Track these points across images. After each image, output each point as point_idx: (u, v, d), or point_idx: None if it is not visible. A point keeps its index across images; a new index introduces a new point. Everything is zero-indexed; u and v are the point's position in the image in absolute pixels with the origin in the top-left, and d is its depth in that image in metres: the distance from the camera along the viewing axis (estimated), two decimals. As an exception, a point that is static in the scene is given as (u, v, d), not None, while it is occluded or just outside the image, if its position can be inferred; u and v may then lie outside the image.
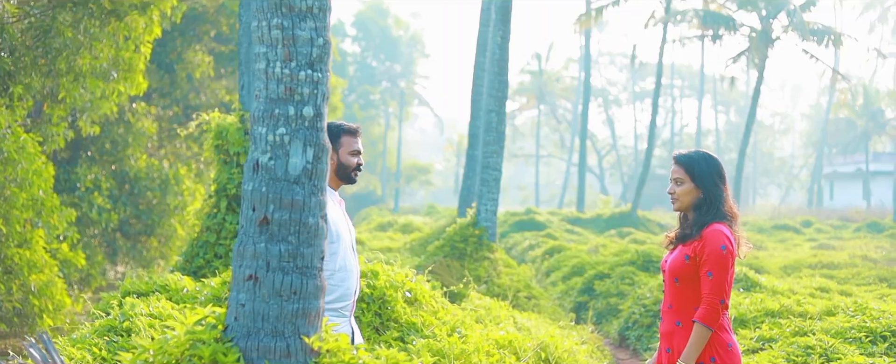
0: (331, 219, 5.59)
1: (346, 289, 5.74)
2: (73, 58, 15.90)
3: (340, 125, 5.90)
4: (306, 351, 4.54)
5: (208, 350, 4.38)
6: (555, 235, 31.40)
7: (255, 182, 4.54)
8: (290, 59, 4.53)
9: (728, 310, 5.60)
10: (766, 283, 14.20)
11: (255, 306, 4.50)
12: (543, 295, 17.36)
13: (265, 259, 4.50)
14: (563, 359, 9.93)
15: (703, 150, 5.82)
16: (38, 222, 16.73)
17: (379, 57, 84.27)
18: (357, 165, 5.89)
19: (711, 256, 5.45)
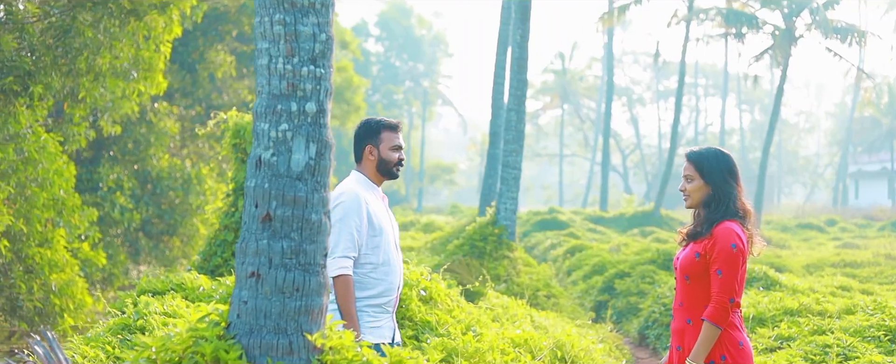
0: (373, 213, 5.68)
1: (389, 284, 5.77)
2: (93, 57, 15.94)
3: (381, 120, 5.91)
4: (309, 348, 4.52)
5: (210, 347, 4.36)
6: (577, 234, 31.33)
7: (257, 178, 4.52)
8: (292, 54, 4.50)
9: (739, 308, 5.56)
10: (787, 281, 14.11)
11: (257, 303, 4.48)
12: (563, 294, 17.30)
13: (267, 256, 4.48)
14: (580, 357, 9.88)
15: (716, 147, 5.77)
16: (59, 222, 16.79)
17: (402, 56, 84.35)
18: (398, 160, 5.89)
19: (721, 254, 5.41)
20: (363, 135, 5.97)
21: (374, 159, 5.89)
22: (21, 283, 15.88)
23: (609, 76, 48.93)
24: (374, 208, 5.76)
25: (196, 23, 21.84)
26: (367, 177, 5.94)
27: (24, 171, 15.76)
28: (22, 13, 15.85)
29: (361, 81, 51.36)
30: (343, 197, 5.71)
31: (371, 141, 5.92)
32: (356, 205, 5.67)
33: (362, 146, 5.96)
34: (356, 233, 5.63)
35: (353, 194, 5.71)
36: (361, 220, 5.66)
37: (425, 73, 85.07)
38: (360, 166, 5.99)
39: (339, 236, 5.60)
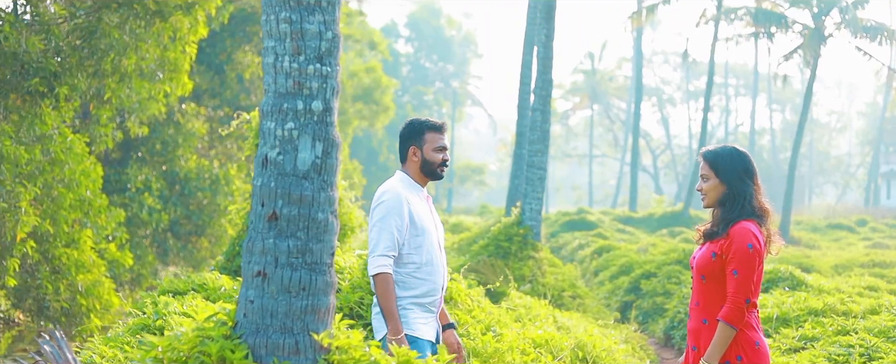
0: (416, 213, 5.68)
1: (433, 284, 5.76)
2: (119, 58, 15.99)
3: (425, 121, 5.90)
4: (315, 348, 4.50)
5: (215, 347, 4.35)
6: (605, 235, 31.24)
7: (263, 177, 4.51)
8: (298, 52, 4.48)
9: (756, 308, 5.50)
10: (813, 282, 13.99)
11: (263, 303, 4.46)
12: (588, 294, 17.24)
13: (274, 255, 4.46)
14: (602, 358, 9.84)
15: (732, 145, 5.71)
16: (86, 222, 16.85)
17: (432, 57, 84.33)
18: (442, 161, 5.88)
19: (737, 254, 5.35)
20: (407, 135, 5.95)
21: (417, 160, 5.87)
22: (48, 283, 15.95)
23: (638, 76, 48.77)
24: (416, 208, 5.75)
25: (223, 24, 21.88)
26: (411, 177, 5.92)
27: (50, 172, 15.83)
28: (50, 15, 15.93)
29: (390, 82, 51.34)
30: (384, 196, 5.71)
31: (414, 142, 5.89)
32: (397, 204, 5.67)
33: (406, 147, 5.93)
34: (396, 232, 5.63)
35: (395, 194, 5.70)
36: (402, 220, 5.65)
37: (455, 73, 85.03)
38: (404, 167, 5.97)
39: (380, 235, 5.62)
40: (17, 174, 14.67)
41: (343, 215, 14.09)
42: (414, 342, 5.62)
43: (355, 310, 8.17)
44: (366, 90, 48.74)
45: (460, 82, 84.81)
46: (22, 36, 14.67)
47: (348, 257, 9.14)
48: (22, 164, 14.79)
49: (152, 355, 4.42)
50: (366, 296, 8.28)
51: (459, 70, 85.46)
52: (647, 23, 38.07)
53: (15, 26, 14.69)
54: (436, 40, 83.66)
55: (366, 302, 8.21)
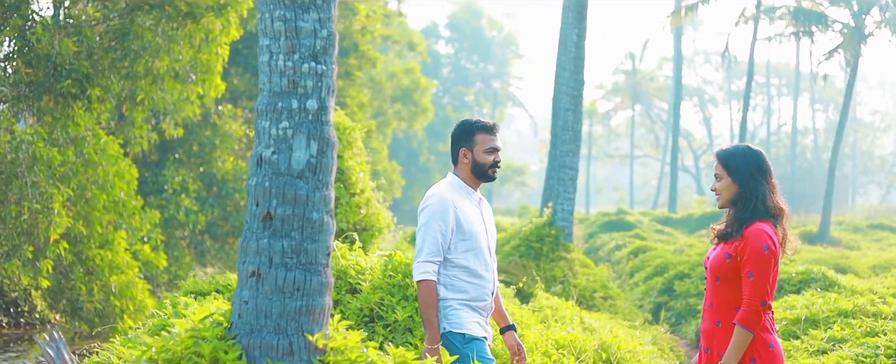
0: (464, 217, 5.58)
1: (482, 289, 5.66)
2: (152, 60, 16.09)
3: (475, 122, 5.79)
4: (310, 349, 4.46)
5: (209, 347, 4.33)
6: (642, 236, 31.09)
7: (258, 177, 4.48)
8: (292, 51, 4.45)
9: (771, 310, 5.41)
10: (846, 282, 13.81)
11: (257, 303, 4.43)
12: (620, 295, 17.14)
13: (268, 255, 4.43)
14: (626, 359, 9.74)
15: (746, 144, 5.62)
16: (121, 224, 16.95)
17: (472, 58, 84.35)
18: (494, 163, 5.74)
19: (753, 256, 5.25)
20: (458, 137, 5.85)
21: (468, 162, 5.75)
22: (81, 284, 16.06)
23: (677, 75, 48.55)
24: (465, 212, 5.64)
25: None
26: (463, 179, 5.81)
27: (84, 174, 15.94)
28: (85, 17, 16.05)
29: (429, 83, 51.38)
30: (429, 201, 5.63)
31: (465, 143, 5.78)
32: (441, 209, 5.58)
33: (457, 149, 5.83)
34: (440, 237, 5.54)
35: (440, 198, 5.63)
36: (447, 225, 5.56)
37: (496, 74, 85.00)
38: (456, 169, 5.86)
39: (424, 241, 5.55)
40: (50, 175, 14.78)
41: (370, 216, 14.07)
42: (472, 340, 5.54)
43: (376, 311, 8.12)
44: (405, 91, 48.81)
45: (501, 83, 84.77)
46: (55, 38, 14.78)
47: (370, 258, 9.09)
48: (55, 166, 14.90)
49: (147, 356, 4.41)
50: (386, 297, 8.22)
51: (500, 71, 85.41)
52: (687, 22, 37.78)
53: (48, 28, 14.80)
54: (476, 41, 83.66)
55: (386, 303, 8.15)
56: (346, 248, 9.12)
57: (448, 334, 5.55)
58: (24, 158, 14.58)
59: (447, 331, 5.55)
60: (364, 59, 32.97)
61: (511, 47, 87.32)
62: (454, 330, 5.55)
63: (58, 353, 4.46)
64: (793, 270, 14.83)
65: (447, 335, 5.55)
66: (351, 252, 9.09)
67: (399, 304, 8.11)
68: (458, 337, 5.54)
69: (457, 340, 5.54)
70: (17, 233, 14.64)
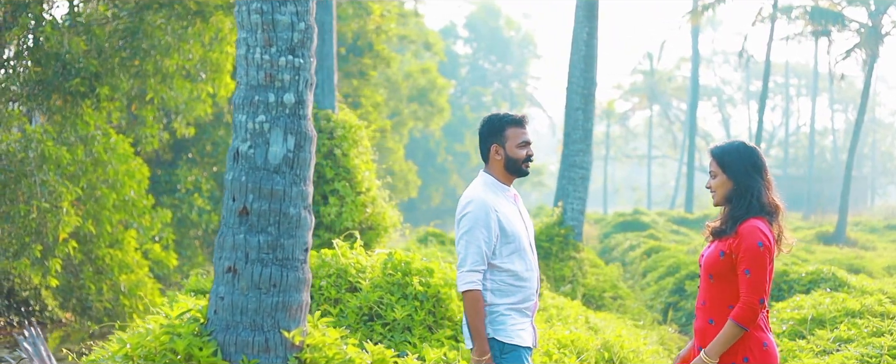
0: (506, 219, 5.40)
1: (529, 290, 5.49)
2: (161, 59, 16.07)
3: (504, 116, 5.56)
4: (286, 345, 4.40)
5: (183, 344, 4.27)
6: (657, 236, 30.95)
7: (235, 171, 4.42)
8: (270, 44, 4.39)
9: (766, 309, 5.33)
10: (856, 283, 13.68)
11: (233, 299, 4.37)
12: (630, 295, 17.03)
13: (244, 250, 4.37)
14: (629, 359, 9.67)
15: (741, 141, 5.53)
16: (132, 223, 16.94)
17: (490, 58, 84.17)
18: (527, 157, 5.52)
19: (748, 253, 5.17)
20: (487, 134, 5.59)
21: (500, 159, 5.51)
22: (91, 283, 16.05)
23: (694, 75, 48.37)
24: (505, 213, 5.43)
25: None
26: (496, 177, 5.57)
27: (93, 173, 15.92)
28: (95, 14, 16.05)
29: (446, 83, 51.29)
30: (469, 207, 5.38)
31: (496, 140, 5.54)
32: (483, 215, 5.34)
33: (488, 146, 5.58)
34: (484, 245, 5.32)
35: (481, 203, 5.38)
36: (490, 232, 5.34)
37: (514, 74, 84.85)
38: (487, 167, 5.62)
39: (467, 250, 5.31)
40: (59, 174, 14.77)
41: (376, 215, 14.05)
42: (513, 351, 5.36)
43: (375, 309, 8.09)
44: (421, 91, 48.73)
45: (519, 83, 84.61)
46: (64, 37, 14.78)
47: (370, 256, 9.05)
48: (64, 165, 14.89)
49: (122, 352, 4.36)
50: (386, 295, 8.19)
51: (518, 71, 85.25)
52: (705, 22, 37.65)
53: (57, 27, 14.81)
54: (494, 41, 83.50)
55: (385, 302, 8.12)
56: (347, 247, 9.09)
57: (491, 341, 5.36)
58: (34, 157, 14.57)
59: (490, 337, 5.36)
60: (379, 58, 32.89)
61: (529, 47, 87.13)
62: (498, 338, 5.36)
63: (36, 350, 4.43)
64: (803, 270, 14.72)
65: (490, 341, 5.37)
66: (352, 250, 9.06)
67: (398, 302, 8.08)
68: (498, 345, 5.37)
69: (496, 348, 5.37)
70: (25, 231, 14.63)
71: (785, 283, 14.66)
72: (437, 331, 8.20)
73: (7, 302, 15.24)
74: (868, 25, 32.66)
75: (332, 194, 13.77)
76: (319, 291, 8.45)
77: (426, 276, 8.61)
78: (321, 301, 8.32)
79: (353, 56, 32.17)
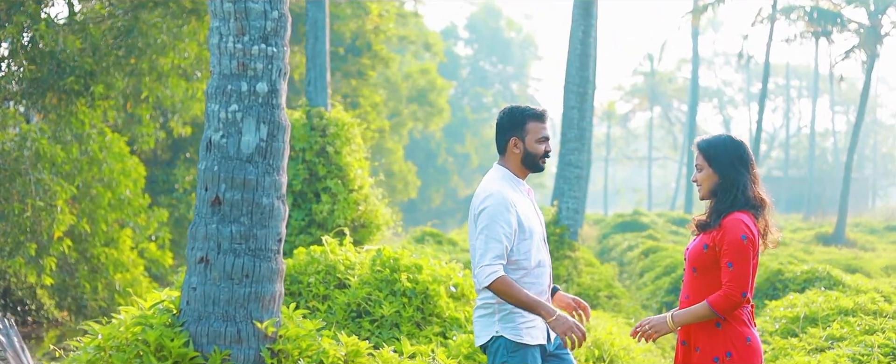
0: (522, 214, 5.28)
1: (542, 286, 5.38)
2: (156, 57, 16.06)
3: (525, 109, 5.42)
4: (259, 336, 4.37)
5: (154, 335, 4.24)
6: (655, 236, 30.91)
7: (207, 161, 4.39)
8: (242, 33, 4.35)
9: (750, 303, 5.30)
10: (851, 282, 13.64)
11: (205, 290, 4.34)
12: (625, 294, 17.00)
13: (216, 241, 4.34)
14: (620, 356, 9.65)
15: (727, 135, 5.49)
16: (128, 222, 16.93)
17: (491, 59, 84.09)
18: (545, 152, 5.41)
19: (731, 246, 5.14)
20: (507, 126, 5.46)
21: (518, 152, 5.40)
22: (86, 282, 16.03)
23: (694, 76, 48.39)
24: (522, 209, 5.30)
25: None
26: (511, 171, 5.46)
27: (89, 171, 15.91)
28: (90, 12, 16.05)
29: (445, 84, 51.26)
30: (488, 202, 5.23)
31: (515, 133, 5.41)
32: (503, 209, 5.21)
33: (506, 138, 5.45)
34: (505, 240, 5.18)
35: (500, 198, 5.25)
36: (510, 227, 5.21)
37: (514, 75, 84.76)
38: (503, 159, 5.50)
39: (487, 245, 5.16)
40: (54, 172, 14.76)
41: (368, 213, 14.02)
42: (520, 350, 5.25)
43: (363, 306, 8.08)
44: (420, 92, 48.71)
45: (520, 84, 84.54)
46: (59, 35, 14.77)
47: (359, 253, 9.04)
48: (59, 163, 14.88)
49: (94, 343, 4.33)
50: (374, 292, 8.18)
51: (519, 72, 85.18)
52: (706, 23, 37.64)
53: (52, 26, 14.79)
54: (495, 42, 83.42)
55: (373, 298, 8.11)
56: (336, 243, 9.07)
57: (500, 339, 5.27)
58: (29, 155, 14.56)
59: (499, 334, 5.26)
60: (377, 58, 32.85)
61: (530, 49, 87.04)
62: (506, 335, 5.26)
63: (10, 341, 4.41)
64: (798, 269, 14.69)
65: (499, 338, 5.27)
66: (341, 247, 9.05)
67: (386, 299, 8.08)
68: (506, 343, 5.27)
69: (505, 346, 5.27)
70: (20, 230, 14.61)
71: (780, 283, 14.63)
72: (425, 327, 8.18)
73: (3, 301, 15.22)
74: (867, 26, 32.64)
75: (324, 192, 13.75)
76: (308, 288, 8.44)
77: (415, 273, 8.59)
78: (309, 298, 8.30)
79: (352, 56, 32.13)
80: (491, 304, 5.31)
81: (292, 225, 13.42)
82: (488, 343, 5.31)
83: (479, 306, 5.40)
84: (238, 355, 4.36)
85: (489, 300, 5.32)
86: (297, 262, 8.84)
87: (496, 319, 5.29)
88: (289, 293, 8.34)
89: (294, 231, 13.33)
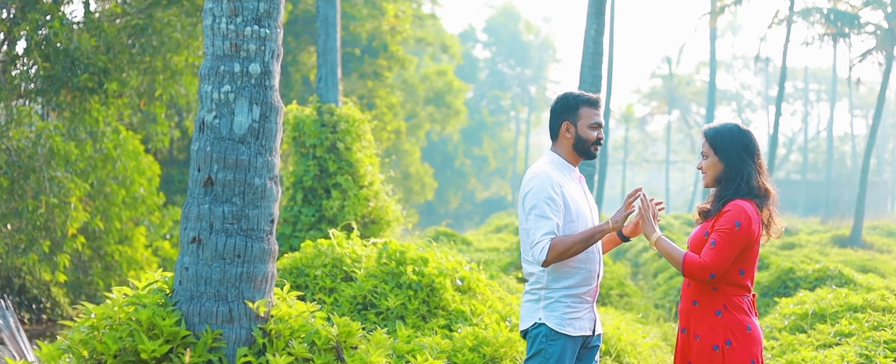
0: (570, 197, 5.28)
1: (589, 272, 5.36)
2: (170, 55, 16.12)
3: (579, 95, 5.45)
4: (250, 316, 4.38)
5: (146, 314, 4.26)
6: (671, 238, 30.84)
7: (200, 141, 4.41)
8: (235, 14, 4.37)
9: (750, 292, 5.30)
10: (863, 280, 13.59)
11: (198, 269, 4.36)
12: (637, 293, 16.98)
13: (209, 221, 4.35)
14: (626, 351, 9.64)
15: (735, 123, 5.49)
16: (143, 220, 16.99)
17: (509, 62, 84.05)
18: (597, 139, 5.45)
19: (721, 228, 5.15)
20: (560, 110, 5.49)
21: (570, 137, 5.42)
22: (99, 279, 16.10)
23: (712, 79, 48.27)
24: (570, 191, 5.33)
25: (288, 25, 21.91)
26: (562, 156, 5.47)
27: (102, 169, 15.98)
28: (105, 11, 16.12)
29: (462, 86, 51.28)
30: (533, 182, 5.29)
31: (568, 117, 5.44)
32: (547, 186, 5.22)
33: (559, 123, 5.48)
34: (553, 216, 5.18)
35: (545, 177, 5.28)
36: (556, 203, 5.21)
37: (533, 78, 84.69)
38: (555, 145, 5.52)
39: (537, 224, 5.15)
40: (68, 170, 14.83)
41: (379, 209, 14.05)
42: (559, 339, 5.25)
43: (369, 298, 8.11)
44: (437, 93, 48.74)
45: (538, 87, 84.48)
46: (73, 33, 14.84)
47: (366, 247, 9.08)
48: (73, 161, 14.94)
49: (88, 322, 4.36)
50: (380, 284, 8.21)
51: (537, 75, 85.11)
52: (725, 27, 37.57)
53: (66, 23, 14.87)
54: (514, 45, 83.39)
55: (379, 290, 8.14)
56: (343, 237, 9.12)
57: (542, 326, 5.27)
58: (43, 153, 14.63)
59: (542, 321, 5.27)
60: (394, 59, 32.89)
61: (548, 51, 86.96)
62: (548, 323, 5.26)
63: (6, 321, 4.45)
64: (809, 268, 14.66)
65: (541, 325, 5.28)
66: (348, 240, 9.09)
67: (392, 291, 8.10)
68: (546, 330, 5.27)
69: (546, 334, 5.27)
70: (34, 227, 14.68)
71: (791, 281, 14.60)
72: (430, 320, 8.20)
73: (18, 299, 15.29)
74: (884, 27, 32.49)
75: (334, 188, 13.79)
76: (314, 281, 8.48)
77: (421, 266, 8.62)
78: (316, 290, 8.34)
79: (368, 57, 32.18)
80: (538, 290, 5.32)
81: (302, 221, 13.46)
82: (530, 328, 5.31)
83: (527, 291, 5.39)
84: (230, 334, 4.38)
85: (536, 287, 5.33)
86: (303, 255, 8.89)
87: (541, 306, 5.29)
88: (295, 286, 8.38)
89: (304, 227, 13.37)
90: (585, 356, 5.44)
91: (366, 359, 4.60)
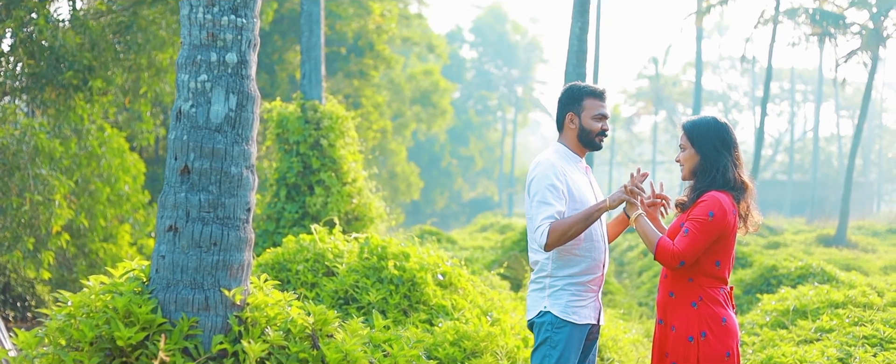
0: (574, 185, 5.34)
1: (593, 260, 5.42)
2: (155, 53, 16.10)
3: (584, 87, 5.52)
4: (227, 304, 4.40)
5: (122, 301, 4.28)
6: (656, 237, 30.90)
7: (177, 130, 4.43)
8: (212, 3, 4.39)
9: (726, 284, 5.34)
10: (845, 278, 13.65)
11: (174, 258, 4.38)
12: (620, 291, 17.03)
13: (185, 209, 4.37)
14: (607, 346, 9.69)
15: (713, 116, 5.53)
16: (128, 218, 16.97)
17: (496, 62, 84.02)
18: (601, 130, 5.52)
19: (695, 218, 5.19)
20: (565, 101, 5.57)
21: (574, 128, 5.50)
22: (83, 277, 16.06)
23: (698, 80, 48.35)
24: (574, 180, 5.41)
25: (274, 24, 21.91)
26: (568, 147, 5.56)
27: (87, 166, 15.95)
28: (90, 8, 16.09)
29: (449, 85, 51.27)
30: (537, 170, 5.38)
31: (572, 108, 5.51)
32: (550, 173, 5.29)
33: (564, 114, 5.55)
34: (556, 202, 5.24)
35: (547, 164, 5.38)
36: (558, 189, 5.29)
37: (520, 79, 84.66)
38: (561, 136, 5.61)
39: (538, 210, 5.25)
40: (53, 167, 14.81)
41: (362, 206, 14.07)
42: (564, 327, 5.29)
43: (350, 293, 8.14)
44: (424, 93, 48.73)
45: (525, 88, 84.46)
46: (58, 30, 14.83)
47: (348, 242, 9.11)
48: (57, 158, 14.92)
49: (65, 311, 4.37)
50: (361, 279, 8.24)
51: (524, 75, 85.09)
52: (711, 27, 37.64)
53: (50, 20, 14.84)
54: (501, 45, 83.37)
55: (360, 285, 8.17)
56: (325, 232, 9.14)
57: (547, 314, 5.32)
58: (27, 150, 14.60)
59: (547, 309, 5.32)
60: (380, 59, 32.88)
61: (535, 52, 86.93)
62: (553, 311, 5.31)
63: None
64: (792, 265, 14.71)
65: (546, 313, 5.32)
66: (330, 236, 9.11)
67: (373, 286, 8.13)
68: (551, 318, 5.31)
69: (551, 322, 5.31)
70: (18, 224, 14.64)
71: (774, 278, 14.67)
72: (411, 314, 8.23)
73: (2, 297, 15.25)
74: (869, 28, 32.58)
75: (318, 185, 13.80)
76: (296, 276, 8.51)
77: (402, 261, 8.65)
78: (297, 285, 8.37)
79: (355, 56, 32.18)
80: (542, 279, 5.38)
81: (286, 217, 13.47)
82: (535, 317, 5.37)
83: (532, 281, 5.45)
84: (206, 322, 4.40)
85: (541, 275, 5.40)
86: (285, 250, 8.91)
87: (546, 295, 5.35)
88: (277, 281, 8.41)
89: (288, 223, 13.38)
90: (588, 347, 5.50)
91: (342, 347, 4.62)
